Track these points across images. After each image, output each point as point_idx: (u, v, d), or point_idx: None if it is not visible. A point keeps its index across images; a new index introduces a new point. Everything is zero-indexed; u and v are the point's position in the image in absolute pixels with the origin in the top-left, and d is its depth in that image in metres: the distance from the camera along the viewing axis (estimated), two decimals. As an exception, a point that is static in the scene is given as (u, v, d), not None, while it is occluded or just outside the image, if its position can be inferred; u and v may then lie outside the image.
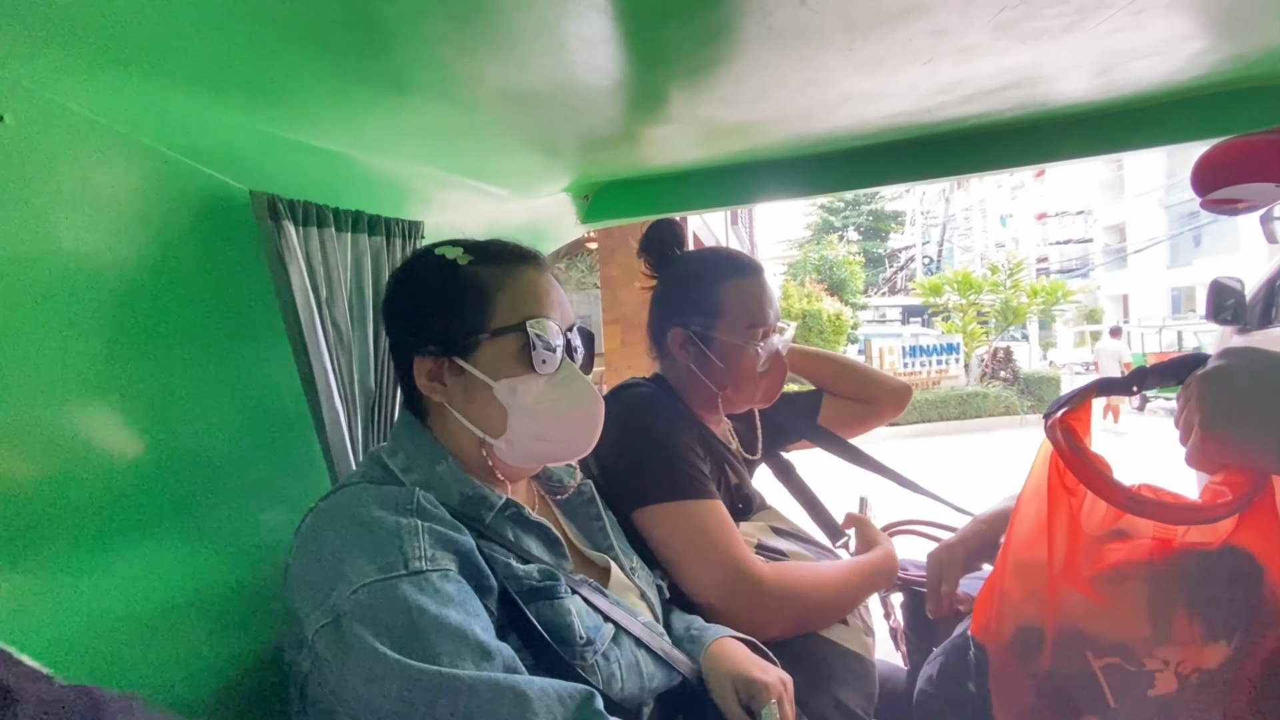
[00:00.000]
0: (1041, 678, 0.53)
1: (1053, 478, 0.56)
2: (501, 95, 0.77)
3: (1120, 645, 0.50)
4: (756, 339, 0.99)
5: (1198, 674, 0.48)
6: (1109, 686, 0.51)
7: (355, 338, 0.84)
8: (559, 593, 0.63)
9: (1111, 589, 0.51)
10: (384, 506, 0.58)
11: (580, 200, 1.39)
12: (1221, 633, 0.48)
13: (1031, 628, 0.54)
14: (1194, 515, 0.48)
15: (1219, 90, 0.98)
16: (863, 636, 0.95)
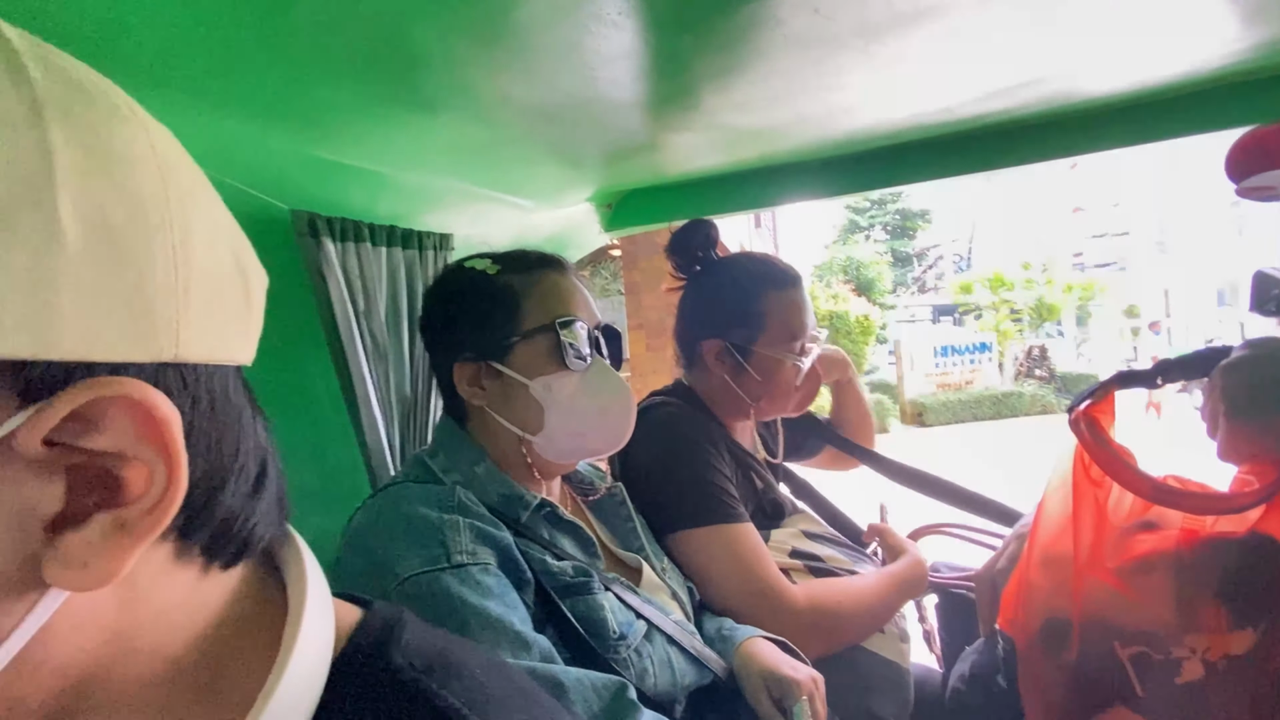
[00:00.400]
0: (1070, 669, 0.53)
1: (1078, 471, 0.56)
2: (526, 111, 0.80)
3: (1147, 634, 0.50)
4: (796, 352, 0.98)
5: (1225, 661, 0.48)
6: (1137, 675, 0.51)
7: (392, 347, 0.88)
8: (592, 589, 0.65)
9: (1138, 579, 0.50)
10: (427, 504, 0.61)
11: (603, 209, 1.41)
12: (1249, 620, 0.48)
13: (1059, 619, 0.54)
14: (1221, 505, 0.48)
15: (1246, 78, 0.96)
16: (898, 644, 0.94)
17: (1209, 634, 0.49)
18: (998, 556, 0.79)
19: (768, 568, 0.86)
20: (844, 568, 0.99)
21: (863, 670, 0.88)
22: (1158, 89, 0.98)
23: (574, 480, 0.84)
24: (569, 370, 0.70)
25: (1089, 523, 0.53)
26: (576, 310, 0.72)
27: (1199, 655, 0.49)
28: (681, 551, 0.87)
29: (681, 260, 1.07)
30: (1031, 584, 0.56)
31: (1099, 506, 0.54)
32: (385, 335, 0.86)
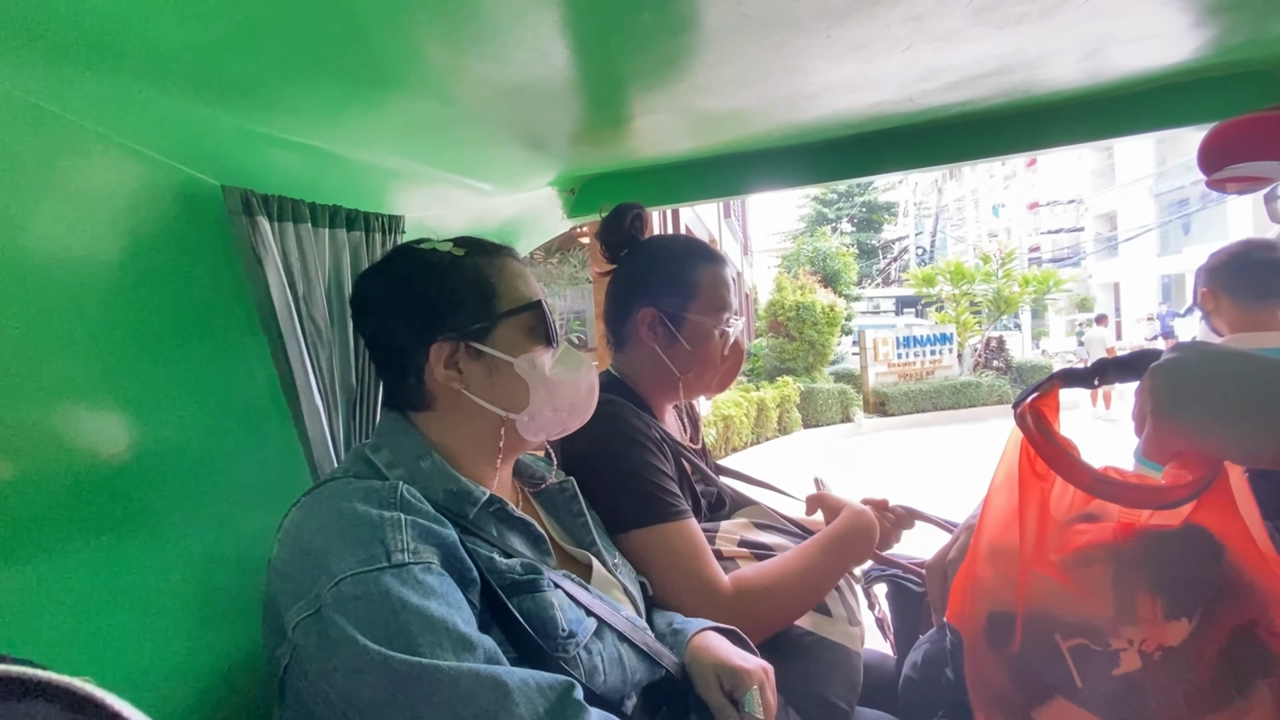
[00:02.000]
0: (1013, 661, 0.54)
1: (1023, 464, 0.56)
2: (481, 88, 0.76)
3: (1087, 626, 0.50)
4: (723, 323, 1.01)
5: (1160, 651, 0.49)
6: (1076, 667, 0.51)
7: (335, 335, 0.84)
8: (541, 586, 0.63)
9: (1078, 572, 0.51)
10: (367, 500, 0.58)
11: (566, 194, 1.38)
12: (1183, 610, 0.49)
13: (1003, 612, 0.54)
14: (1156, 498, 0.48)
15: (1204, 75, 0.98)
16: (846, 627, 0.95)
17: (1145, 625, 0.50)
18: (948, 547, 0.80)
19: (703, 563, 0.87)
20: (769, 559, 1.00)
21: (811, 655, 0.89)
22: (1115, 84, 0.99)
23: (521, 472, 0.82)
24: (549, 347, 0.72)
25: (1033, 516, 0.53)
26: (541, 292, 0.74)
27: (1136, 647, 0.50)
28: (625, 551, 0.87)
29: (611, 244, 1.08)
30: (977, 577, 0.57)
31: (1043, 500, 0.54)
32: (328, 322, 0.82)
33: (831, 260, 15.55)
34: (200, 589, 0.72)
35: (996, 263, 14.59)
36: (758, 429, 8.18)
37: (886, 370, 11.53)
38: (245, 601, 0.74)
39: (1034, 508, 0.54)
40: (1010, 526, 0.54)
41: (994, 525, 0.56)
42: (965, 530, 0.78)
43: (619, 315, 1.06)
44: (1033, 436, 0.53)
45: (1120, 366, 0.56)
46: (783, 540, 1.03)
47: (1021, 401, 0.55)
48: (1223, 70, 0.97)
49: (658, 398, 1.06)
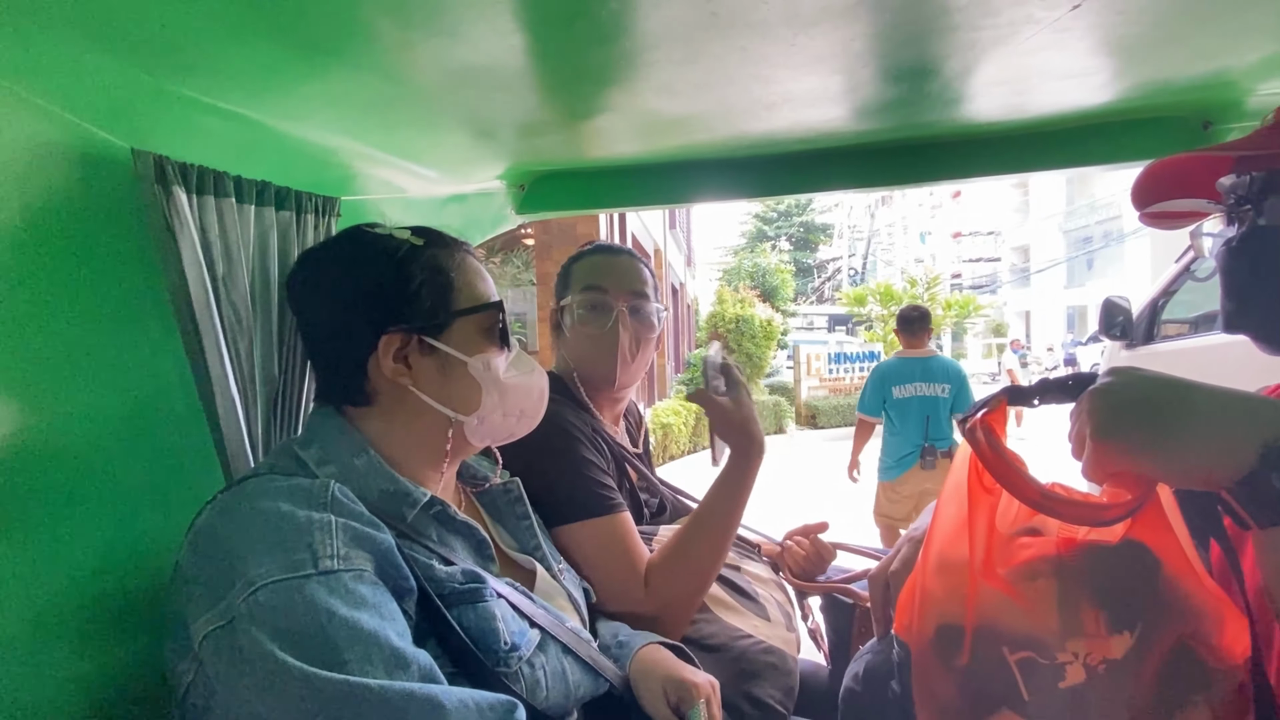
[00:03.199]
0: (961, 674, 0.54)
1: (972, 478, 0.57)
2: (431, 67, 0.72)
3: (1034, 640, 0.51)
4: (593, 304, 1.02)
5: (1104, 664, 0.50)
6: (1023, 680, 0.52)
7: (257, 322, 0.77)
8: (483, 596, 0.59)
9: (1024, 585, 0.52)
10: (293, 500, 0.53)
11: (515, 190, 1.34)
12: (1124, 623, 0.51)
13: (952, 625, 0.54)
14: (1096, 515, 0.50)
15: (1127, 118, 1.05)
16: (784, 632, 0.97)
17: (1089, 639, 0.51)
18: (890, 559, 0.81)
19: (636, 556, 0.87)
20: (729, 564, 1.01)
21: (747, 658, 0.90)
22: (1046, 120, 1.05)
23: (463, 472, 0.78)
24: (504, 350, 0.69)
25: (982, 529, 0.54)
26: (497, 294, 0.71)
27: (1081, 660, 0.51)
28: (560, 547, 0.86)
29: None
30: (926, 590, 0.57)
31: (990, 513, 0.55)
32: (249, 307, 0.75)
33: (770, 276, 15.98)
34: (89, 599, 0.64)
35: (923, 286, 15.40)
36: (695, 437, 8.26)
37: (818, 384, 11.94)
38: (142, 610, 0.66)
39: (982, 521, 0.54)
40: (959, 539, 0.55)
41: (943, 538, 0.56)
42: (909, 542, 0.79)
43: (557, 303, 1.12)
44: (982, 451, 0.53)
45: (1061, 388, 0.58)
46: None
47: (970, 417, 0.56)
48: (1145, 114, 1.04)
49: (593, 395, 1.06)
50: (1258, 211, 0.61)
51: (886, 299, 14.46)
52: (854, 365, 12.28)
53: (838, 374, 12.14)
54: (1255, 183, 0.61)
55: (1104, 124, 1.07)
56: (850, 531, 1.22)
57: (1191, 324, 3.09)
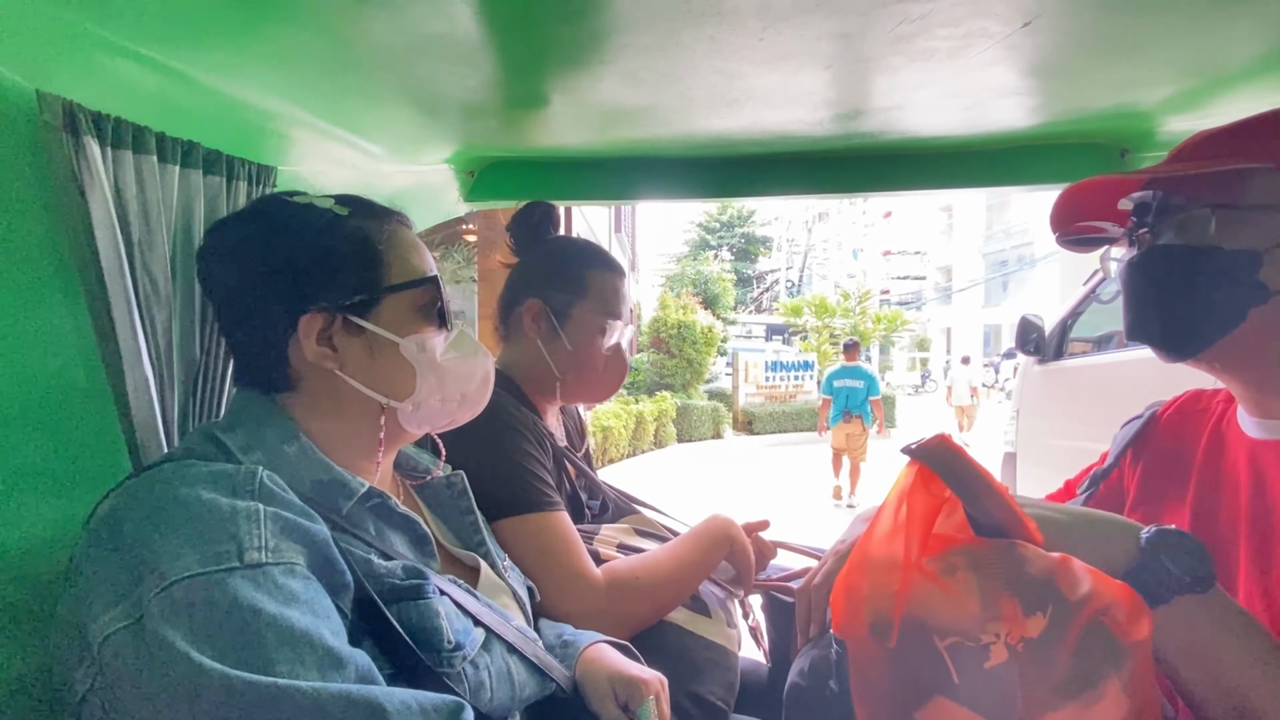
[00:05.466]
0: (895, 663, 0.56)
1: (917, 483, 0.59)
2: (381, 32, 0.68)
3: (960, 626, 0.54)
4: (606, 332, 1.01)
5: (1023, 643, 0.53)
6: (953, 663, 0.54)
7: (177, 294, 0.70)
8: (425, 593, 0.56)
9: (948, 576, 0.55)
10: (216, 486, 0.48)
11: (464, 175, 1.29)
12: (1037, 605, 0.54)
13: (883, 619, 0.56)
14: None
15: (1052, 141, 1.12)
16: (725, 628, 0.97)
17: (1007, 621, 0.54)
18: (815, 573, 0.83)
19: (575, 555, 0.86)
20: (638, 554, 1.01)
21: (689, 655, 0.90)
22: (986, 139, 1.10)
23: (402, 463, 0.73)
24: (442, 330, 0.64)
25: (917, 529, 0.56)
26: (434, 268, 0.66)
27: (1002, 640, 0.54)
28: (499, 541, 0.83)
29: (520, 237, 1.09)
30: (857, 587, 0.59)
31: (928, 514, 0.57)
32: (168, 278, 0.68)
33: (712, 284, 16.24)
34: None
35: (855, 300, 16.02)
36: (635, 441, 8.28)
37: (755, 391, 12.21)
38: (28, 611, 0.58)
39: (919, 521, 0.57)
40: (894, 540, 0.57)
41: (877, 540, 0.59)
42: (833, 557, 0.82)
43: (508, 304, 1.04)
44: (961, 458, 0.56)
45: None
46: None
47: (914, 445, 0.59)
48: (1070, 139, 1.11)
49: (538, 396, 1.03)
50: (1155, 234, 0.67)
51: (821, 311, 14.96)
52: (789, 374, 12.64)
53: (774, 382, 12.46)
54: (1154, 204, 0.67)
55: (1033, 145, 1.14)
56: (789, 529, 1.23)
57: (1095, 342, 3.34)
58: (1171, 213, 0.66)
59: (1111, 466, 0.84)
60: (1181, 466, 0.76)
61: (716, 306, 15.59)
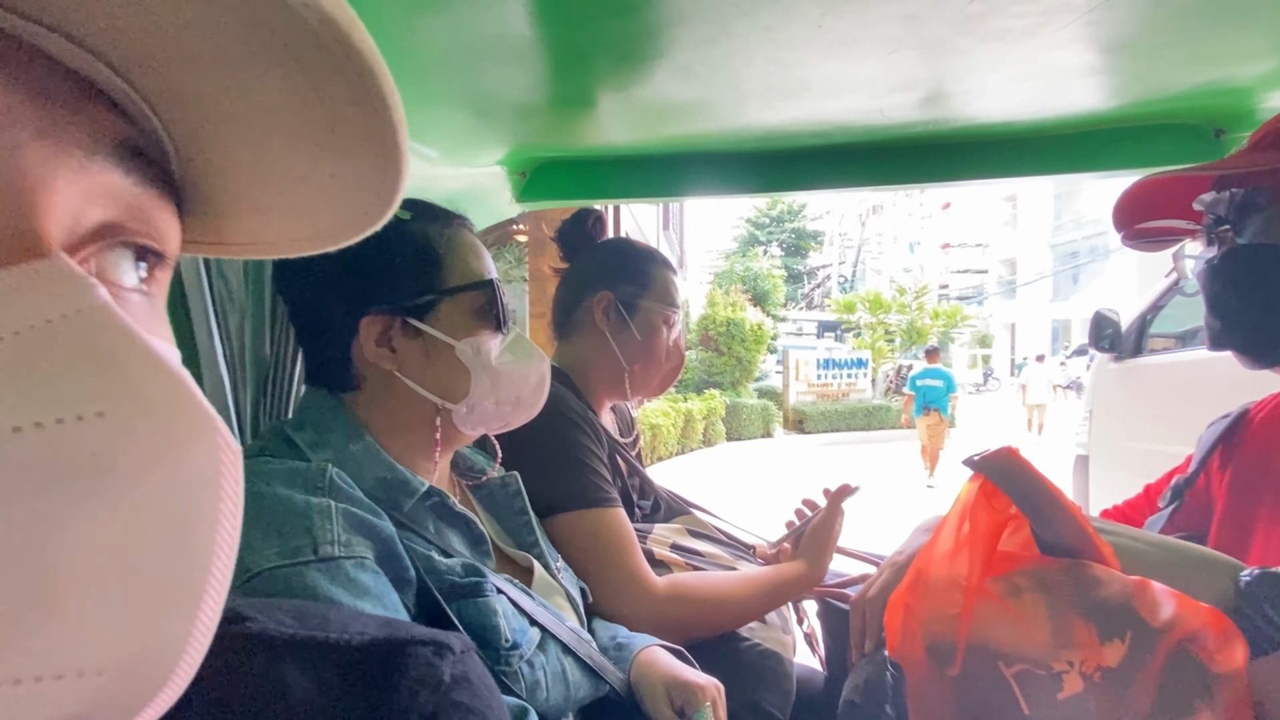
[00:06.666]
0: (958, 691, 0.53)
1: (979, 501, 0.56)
2: (435, 36, 0.69)
3: (1028, 652, 0.50)
4: (671, 322, 1.06)
5: (1100, 672, 0.50)
6: (1022, 693, 0.51)
7: (249, 298, 0.73)
8: (484, 591, 0.56)
9: (1013, 599, 0.52)
10: (290, 483, 0.50)
11: (516, 176, 1.30)
12: (1115, 632, 0.50)
13: (943, 642, 0.53)
14: None
15: (1138, 123, 1.04)
16: (780, 635, 0.96)
17: (1082, 648, 0.51)
18: (871, 583, 0.80)
19: (633, 555, 0.85)
20: (725, 565, 1.00)
21: (745, 662, 0.88)
22: (1062, 121, 1.03)
23: (458, 464, 0.74)
24: (497, 333, 0.65)
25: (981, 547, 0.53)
26: (494, 271, 0.67)
27: (1077, 669, 0.51)
28: (554, 535, 0.83)
29: (571, 243, 1.15)
30: (914, 607, 0.56)
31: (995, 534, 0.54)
32: (242, 281, 0.71)
33: (762, 281, 16.02)
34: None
35: (911, 295, 15.50)
36: (684, 439, 8.25)
37: (806, 390, 11.98)
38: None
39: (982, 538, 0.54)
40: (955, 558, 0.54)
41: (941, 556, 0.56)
42: (890, 568, 0.78)
43: (572, 302, 1.06)
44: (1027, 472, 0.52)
45: None
46: (717, 550, 1.02)
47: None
48: (1158, 120, 1.03)
49: (600, 391, 1.04)
50: (1237, 231, 0.61)
51: (875, 307, 14.53)
52: (842, 372, 12.34)
53: (826, 380, 12.19)
54: (1234, 202, 0.61)
55: (1116, 128, 1.06)
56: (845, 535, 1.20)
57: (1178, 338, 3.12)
58: (1256, 208, 0.60)
59: (1196, 472, 0.77)
60: (1278, 473, 0.69)
61: (766, 303, 15.37)
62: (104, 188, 0.19)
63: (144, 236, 0.20)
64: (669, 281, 1.09)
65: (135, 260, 0.21)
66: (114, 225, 0.20)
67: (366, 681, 0.27)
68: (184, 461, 0.17)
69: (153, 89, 0.19)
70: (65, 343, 0.16)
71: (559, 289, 1.11)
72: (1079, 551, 0.51)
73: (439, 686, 0.28)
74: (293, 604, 0.30)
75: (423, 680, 0.27)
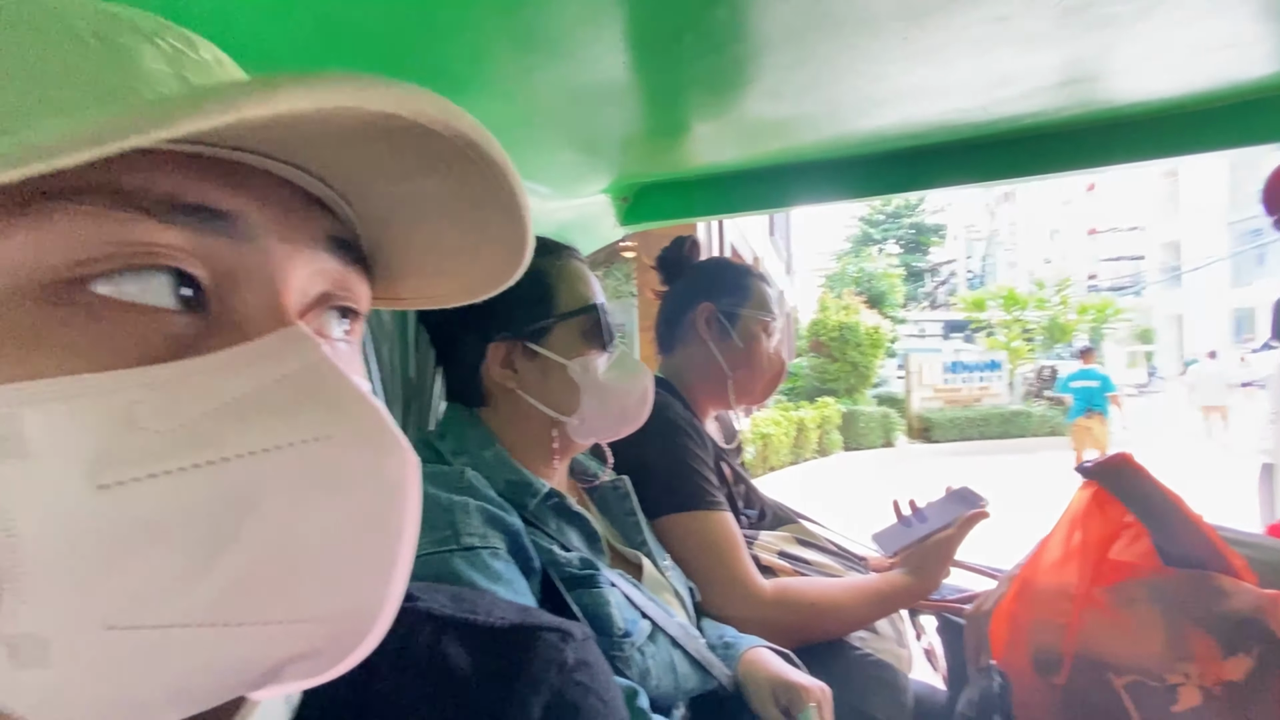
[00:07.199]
0: (1065, 701, 0.51)
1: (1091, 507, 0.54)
2: (547, 89, 0.77)
3: (1140, 663, 0.48)
4: (771, 329, 1.11)
5: (1223, 687, 0.46)
6: (1134, 704, 0.49)
7: (395, 326, 0.85)
8: (599, 582, 0.63)
9: (1125, 608, 0.49)
10: (435, 484, 0.59)
11: (619, 201, 1.38)
12: (1241, 646, 0.46)
13: (1050, 652, 0.52)
14: None
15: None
16: (894, 646, 0.95)
17: (1201, 661, 0.47)
18: (989, 596, 0.77)
19: (739, 558, 0.88)
20: (833, 574, 1.00)
21: (856, 670, 0.89)
22: (1200, 97, 0.94)
23: (574, 468, 0.82)
24: (603, 351, 0.73)
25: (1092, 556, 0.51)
26: (600, 295, 0.75)
27: (1194, 682, 0.47)
28: (663, 537, 0.88)
29: (670, 269, 1.23)
30: (1021, 616, 0.55)
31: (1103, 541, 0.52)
32: (391, 317, 0.83)
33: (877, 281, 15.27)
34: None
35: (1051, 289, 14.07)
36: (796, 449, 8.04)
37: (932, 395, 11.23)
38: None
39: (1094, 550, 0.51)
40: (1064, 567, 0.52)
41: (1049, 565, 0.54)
42: (1008, 582, 0.75)
43: (675, 317, 1.13)
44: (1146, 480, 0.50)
45: None
46: (826, 560, 1.03)
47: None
48: None
49: (704, 400, 1.09)
50: None
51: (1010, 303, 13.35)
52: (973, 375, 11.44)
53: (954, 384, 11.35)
54: None
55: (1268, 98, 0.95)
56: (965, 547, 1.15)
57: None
58: None
59: None
60: None
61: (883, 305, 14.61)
62: (321, 269, 0.26)
63: (347, 301, 0.28)
64: (766, 293, 1.15)
65: (340, 317, 0.28)
66: (328, 294, 0.27)
67: (506, 659, 0.33)
68: (384, 470, 0.23)
69: (353, 195, 0.27)
70: (307, 387, 0.23)
71: (662, 308, 1.18)
72: (1205, 562, 0.48)
73: (564, 667, 0.33)
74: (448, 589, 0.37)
75: (550, 661, 0.33)
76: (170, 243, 0.22)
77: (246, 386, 0.22)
